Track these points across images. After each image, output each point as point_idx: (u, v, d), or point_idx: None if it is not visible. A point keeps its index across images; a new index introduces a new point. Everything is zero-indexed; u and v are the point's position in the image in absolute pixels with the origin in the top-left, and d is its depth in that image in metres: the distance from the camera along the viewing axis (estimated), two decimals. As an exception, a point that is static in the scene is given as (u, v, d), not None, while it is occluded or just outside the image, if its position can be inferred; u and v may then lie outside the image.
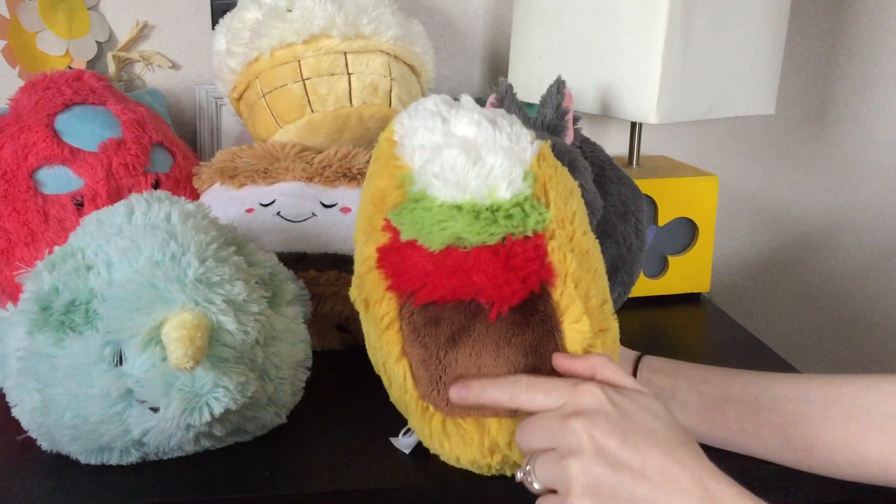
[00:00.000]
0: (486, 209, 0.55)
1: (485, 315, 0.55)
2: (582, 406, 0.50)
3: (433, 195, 0.56)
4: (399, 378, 0.58)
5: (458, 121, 0.58)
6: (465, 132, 0.57)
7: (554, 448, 0.50)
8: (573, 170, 0.74)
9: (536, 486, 0.51)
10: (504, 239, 0.55)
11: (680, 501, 0.46)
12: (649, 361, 0.70)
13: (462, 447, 0.57)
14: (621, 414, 0.49)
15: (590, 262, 0.57)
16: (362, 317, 0.61)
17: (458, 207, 0.55)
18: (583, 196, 0.61)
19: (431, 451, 0.60)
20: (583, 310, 0.55)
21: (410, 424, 0.60)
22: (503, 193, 0.55)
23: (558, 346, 0.55)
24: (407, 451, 0.68)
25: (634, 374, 0.69)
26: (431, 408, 0.58)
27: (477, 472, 0.59)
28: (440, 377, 0.57)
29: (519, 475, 0.53)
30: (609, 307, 0.58)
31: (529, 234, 0.55)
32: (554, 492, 0.50)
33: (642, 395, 0.52)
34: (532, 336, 0.55)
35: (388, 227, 0.58)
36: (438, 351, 0.56)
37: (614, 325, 0.58)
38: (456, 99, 0.62)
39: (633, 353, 0.71)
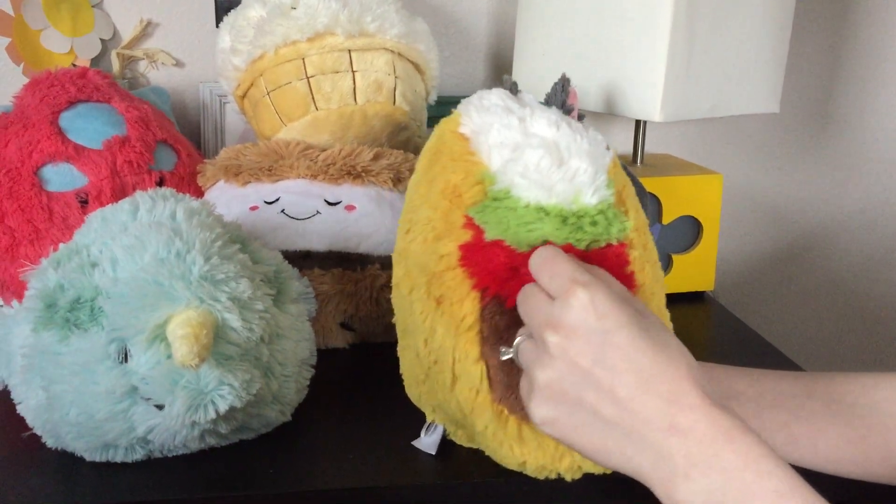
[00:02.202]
0: (573, 214, 0.54)
1: None
2: (565, 314, 0.48)
3: (518, 195, 0.55)
4: (474, 379, 0.56)
5: (536, 120, 0.57)
6: (545, 133, 0.57)
7: (537, 342, 0.50)
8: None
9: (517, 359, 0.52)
10: (588, 245, 0.54)
11: (646, 430, 0.45)
12: None
13: (536, 452, 0.56)
14: (605, 331, 0.46)
15: (658, 271, 0.58)
16: (428, 314, 0.59)
17: (545, 210, 0.54)
18: None
19: (487, 453, 0.59)
20: (651, 292, 0.56)
21: (479, 427, 0.58)
22: (589, 199, 0.54)
23: None
24: (432, 452, 0.67)
25: None
26: (507, 411, 0.56)
27: (533, 476, 0.58)
28: (529, 390, 0.54)
29: (508, 353, 0.53)
30: (667, 319, 0.59)
31: (613, 242, 0.55)
32: None
33: (643, 312, 0.49)
34: None
35: (471, 224, 0.56)
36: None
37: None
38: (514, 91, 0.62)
39: None
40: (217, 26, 1.07)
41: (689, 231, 1.08)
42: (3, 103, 0.99)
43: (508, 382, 0.56)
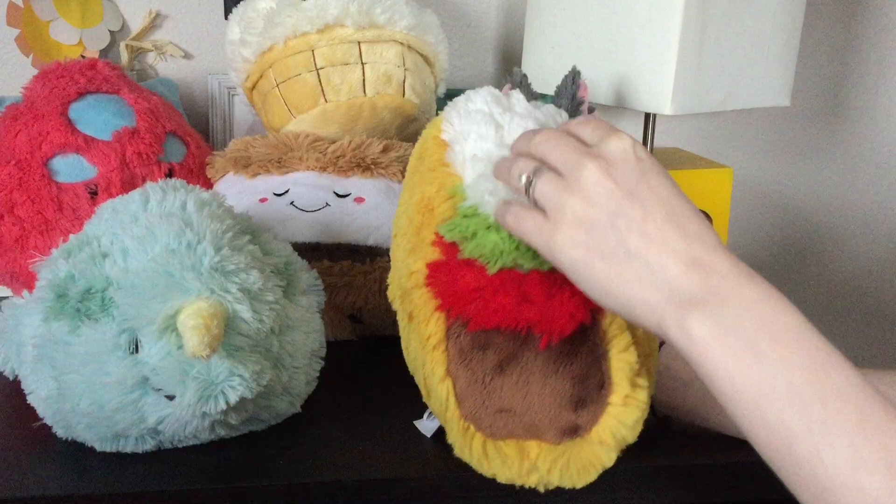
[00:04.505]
0: None
1: (534, 343, 0.54)
2: (607, 150, 0.48)
3: (486, 213, 0.54)
4: (441, 397, 0.56)
5: (511, 129, 0.56)
6: None
7: (562, 173, 0.49)
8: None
9: (532, 196, 0.50)
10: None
11: (668, 260, 0.45)
12: (669, 346, 0.69)
13: (501, 468, 0.56)
14: (643, 170, 0.47)
15: None
16: (404, 326, 0.60)
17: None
18: None
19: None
20: (630, 339, 0.53)
21: (449, 439, 0.58)
22: None
23: (605, 376, 0.53)
24: (428, 435, 0.68)
25: None
26: (473, 428, 0.56)
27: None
28: (484, 402, 0.55)
29: (523, 179, 0.51)
30: (654, 340, 0.57)
31: None
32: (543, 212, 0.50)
33: (668, 175, 0.49)
34: (580, 366, 0.54)
35: (440, 242, 0.56)
36: (485, 376, 0.55)
37: (656, 345, 0.57)
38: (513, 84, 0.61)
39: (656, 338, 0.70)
40: (226, 18, 1.07)
41: (699, 225, 1.07)
42: (12, 94, 0.99)
43: (474, 401, 0.55)
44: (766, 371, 0.42)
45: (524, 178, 0.51)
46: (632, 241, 0.46)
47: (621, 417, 0.53)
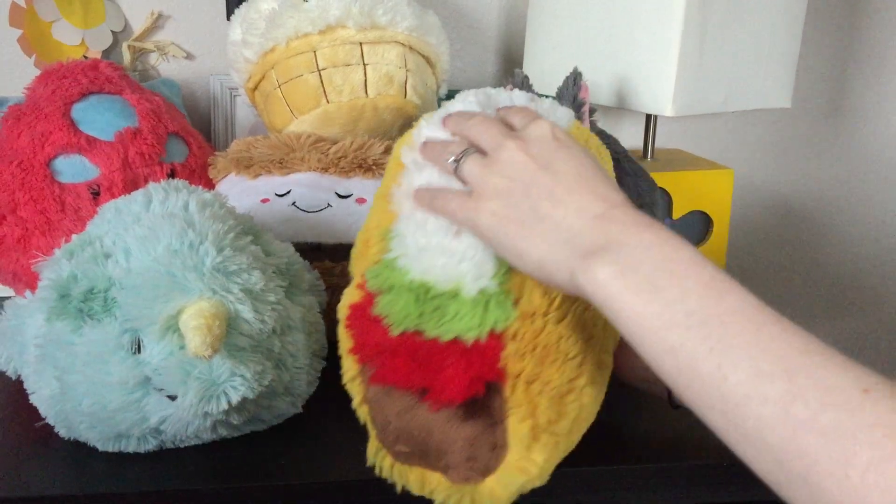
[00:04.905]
0: (447, 298, 0.53)
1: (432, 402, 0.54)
2: (528, 132, 0.54)
3: (403, 267, 0.55)
4: (362, 417, 0.59)
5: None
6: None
7: (487, 153, 0.54)
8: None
9: (460, 175, 0.55)
10: (459, 335, 0.53)
11: (574, 218, 0.49)
12: None
13: (414, 486, 0.58)
14: (558, 147, 0.53)
15: (560, 349, 0.54)
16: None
17: (425, 289, 0.54)
18: None
19: None
20: (530, 410, 0.53)
21: (369, 448, 0.60)
22: (467, 288, 0.53)
23: (498, 441, 0.54)
24: None
25: None
26: (384, 451, 0.58)
27: None
28: (389, 439, 0.57)
29: (451, 159, 0.55)
30: (581, 382, 0.56)
31: (484, 337, 0.53)
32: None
33: (585, 151, 0.54)
34: (472, 429, 0.54)
35: (363, 286, 0.57)
36: (389, 417, 0.56)
37: (585, 397, 0.56)
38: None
39: None
40: (228, 19, 1.08)
41: (699, 226, 1.08)
42: (15, 95, 0.99)
43: (382, 433, 0.57)
44: (665, 302, 0.44)
45: (452, 159, 0.56)
46: (543, 205, 0.50)
47: (508, 479, 0.54)
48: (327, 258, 0.85)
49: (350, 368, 0.58)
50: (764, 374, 0.40)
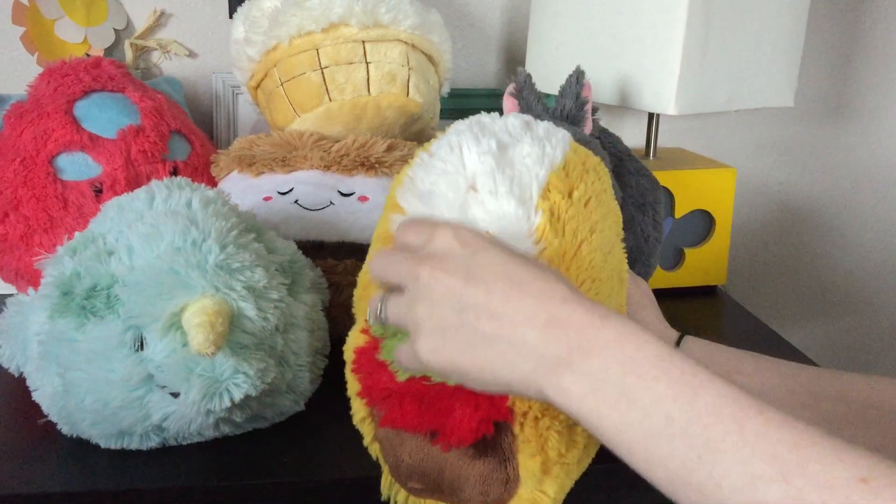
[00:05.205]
0: None
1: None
2: (432, 249, 0.49)
3: None
4: (374, 454, 0.61)
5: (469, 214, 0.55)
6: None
7: (405, 289, 0.50)
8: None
9: (388, 324, 0.51)
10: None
11: (524, 330, 0.45)
12: (687, 343, 0.68)
13: None
14: (472, 253, 0.48)
15: None
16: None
17: None
18: None
19: None
20: (539, 446, 0.53)
21: (383, 482, 0.62)
22: None
23: (510, 476, 0.55)
24: None
25: None
26: (398, 485, 0.60)
27: None
28: (402, 478, 0.58)
29: (374, 315, 0.51)
30: None
31: None
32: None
33: (495, 241, 0.50)
34: (484, 466, 0.55)
35: (367, 331, 0.57)
36: (401, 456, 0.57)
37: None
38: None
39: (674, 333, 0.69)
40: (230, 17, 1.08)
41: (702, 225, 1.07)
42: (17, 92, 0.99)
43: (395, 472, 0.58)
44: (643, 411, 0.42)
45: (375, 314, 0.51)
46: (484, 326, 0.46)
47: None
48: (330, 256, 0.85)
49: (359, 410, 0.60)
50: (758, 478, 0.38)
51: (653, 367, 0.43)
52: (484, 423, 0.53)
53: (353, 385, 0.59)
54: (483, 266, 0.47)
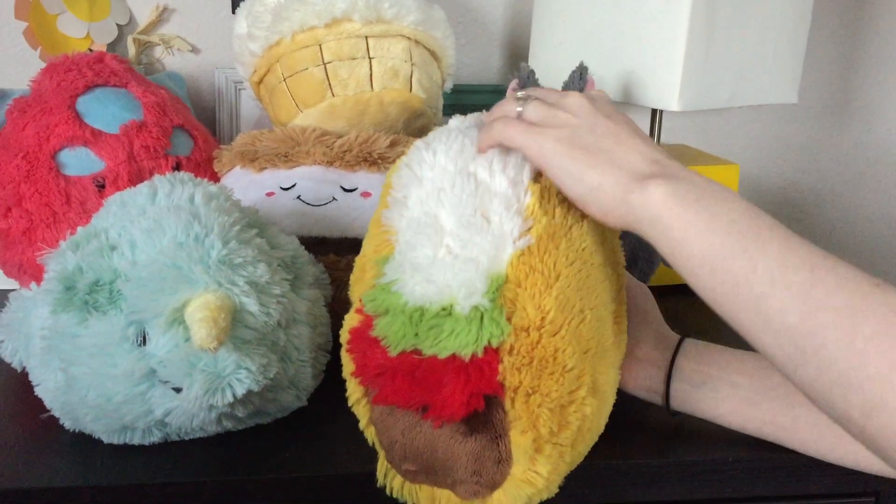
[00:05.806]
0: (442, 316, 0.53)
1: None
2: (587, 94, 0.60)
3: (397, 290, 0.55)
4: (370, 439, 0.61)
5: (448, 200, 0.56)
6: (446, 220, 0.56)
7: (551, 103, 0.59)
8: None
9: (524, 117, 0.58)
10: (456, 352, 0.53)
11: (633, 156, 0.55)
12: (687, 346, 0.68)
13: (419, 495, 0.60)
14: (616, 109, 0.59)
15: (557, 361, 0.54)
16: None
17: (420, 309, 0.54)
18: None
19: None
20: (531, 422, 0.54)
21: (378, 469, 0.62)
22: (460, 306, 0.53)
23: (502, 455, 0.55)
24: None
25: (672, 358, 0.67)
26: (393, 471, 0.60)
27: None
28: (397, 459, 0.58)
29: (518, 109, 0.59)
30: (582, 393, 0.56)
31: (480, 352, 0.53)
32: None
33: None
34: (476, 444, 0.55)
35: (361, 311, 0.58)
36: (394, 436, 0.57)
37: (587, 408, 0.56)
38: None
39: (674, 337, 0.69)
40: (233, 12, 1.08)
41: (705, 221, 1.07)
42: (20, 87, 0.99)
43: (390, 452, 0.59)
44: (711, 214, 0.51)
45: (519, 97, 0.60)
46: (606, 142, 0.55)
47: (515, 492, 0.55)
48: (332, 252, 0.85)
49: (354, 391, 0.60)
50: (789, 266, 0.47)
51: (730, 196, 0.52)
52: (474, 396, 0.53)
53: (347, 365, 0.59)
54: (621, 118, 0.58)
